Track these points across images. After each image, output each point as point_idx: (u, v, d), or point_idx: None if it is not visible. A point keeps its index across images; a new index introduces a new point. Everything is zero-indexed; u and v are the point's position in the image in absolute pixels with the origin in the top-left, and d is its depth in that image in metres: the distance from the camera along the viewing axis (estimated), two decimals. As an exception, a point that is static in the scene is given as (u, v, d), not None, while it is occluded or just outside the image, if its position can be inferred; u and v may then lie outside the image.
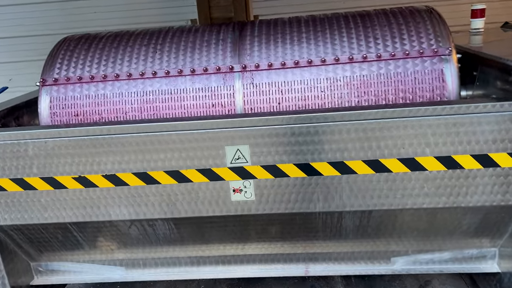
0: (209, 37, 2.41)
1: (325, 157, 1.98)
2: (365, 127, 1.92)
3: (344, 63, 2.20)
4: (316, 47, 2.25)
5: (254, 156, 2.00)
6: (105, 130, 2.02)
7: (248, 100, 2.23)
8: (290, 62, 2.23)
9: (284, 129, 1.96)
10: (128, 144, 2.03)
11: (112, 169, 2.07)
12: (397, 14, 2.36)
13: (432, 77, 2.13)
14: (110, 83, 2.30)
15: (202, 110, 2.25)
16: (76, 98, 2.30)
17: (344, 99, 2.18)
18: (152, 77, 2.29)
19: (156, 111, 2.26)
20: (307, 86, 2.20)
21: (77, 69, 2.35)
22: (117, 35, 2.52)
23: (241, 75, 2.26)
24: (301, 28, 2.37)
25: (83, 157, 2.05)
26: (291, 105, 2.21)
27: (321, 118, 1.93)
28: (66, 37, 2.59)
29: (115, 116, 2.27)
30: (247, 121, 1.97)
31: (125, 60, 2.34)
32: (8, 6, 4.74)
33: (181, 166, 2.04)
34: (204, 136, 2.00)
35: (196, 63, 2.29)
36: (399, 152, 1.94)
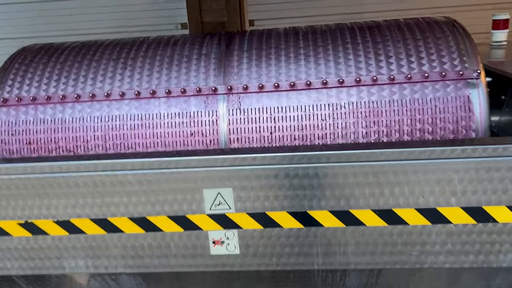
0: (190, 51, 2.03)
1: (327, 204, 1.61)
2: (376, 170, 1.55)
3: (349, 87, 1.82)
4: (317, 66, 1.88)
5: (239, 202, 1.63)
6: (56, 168, 1.64)
7: (234, 128, 1.86)
8: (285, 84, 1.86)
9: (277, 169, 1.59)
10: (85, 184, 1.65)
11: (65, 214, 1.69)
12: (413, 27, 1.98)
13: (457, 105, 1.76)
14: (70, 105, 1.92)
15: (178, 139, 1.87)
16: (29, 123, 1.92)
17: (349, 129, 1.80)
18: (120, 98, 1.91)
19: (123, 139, 1.88)
20: (305, 113, 1.83)
21: (31, 88, 1.97)
22: (83, 47, 2.14)
23: (226, 98, 1.88)
24: (298, 42, 2.00)
25: (29, 199, 1.68)
26: (285, 136, 1.83)
27: (322, 157, 1.56)
28: (24, 48, 2.21)
29: (74, 145, 1.89)
30: (230, 159, 1.60)
31: (88, 78, 1.96)
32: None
33: (149, 212, 1.67)
34: (178, 177, 1.62)
35: (172, 83, 1.92)
36: (418, 201, 1.57)
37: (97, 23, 4.67)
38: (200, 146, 1.87)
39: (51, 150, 1.90)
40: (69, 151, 1.90)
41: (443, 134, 1.77)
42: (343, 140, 1.80)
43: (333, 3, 4.49)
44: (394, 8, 4.35)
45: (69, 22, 4.65)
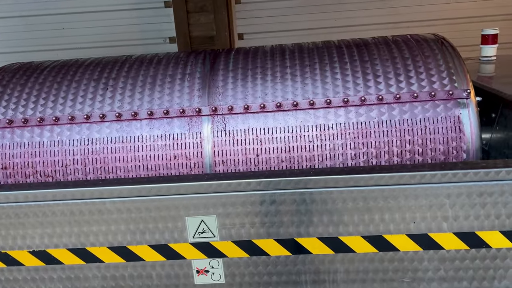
0: (174, 70, 1.97)
1: (315, 231, 1.54)
2: (366, 195, 1.50)
3: (337, 107, 1.77)
4: (303, 86, 1.83)
5: (224, 229, 1.56)
6: (32, 196, 1.56)
7: (219, 151, 1.79)
8: (272, 105, 1.81)
9: (262, 195, 1.53)
10: (61, 213, 1.57)
11: (41, 244, 1.61)
12: (401, 44, 1.95)
13: (447, 125, 1.72)
14: (48, 128, 1.85)
15: (161, 162, 1.80)
16: (5, 147, 1.84)
17: (337, 151, 1.75)
18: (100, 121, 1.84)
19: (103, 163, 1.81)
20: (292, 134, 1.77)
21: (8, 110, 1.89)
22: (63, 66, 2.07)
23: (211, 120, 1.82)
24: (285, 61, 1.95)
25: (3, 229, 1.59)
26: (272, 158, 1.78)
27: (310, 182, 1.50)
28: (1, 67, 2.14)
29: (52, 170, 1.82)
30: (214, 185, 1.53)
31: (68, 99, 1.89)
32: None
33: (129, 241, 1.59)
34: (159, 204, 1.55)
35: (155, 104, 1.85)
36: (409, 227, 1.52)
37: (84, 37, 4.61)
38: (184, 169, 1.81)
39: (28, 175, 1.82)
40: (47, 176, 1.82)
41: (434, 155, 1.72)
42: (331, 162, 1.75)
43: (322, 17, 4.48)
44: (383, 21, 4.35)
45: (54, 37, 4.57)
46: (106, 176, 1.80)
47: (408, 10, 4.37)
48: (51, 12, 4.47)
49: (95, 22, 4.52)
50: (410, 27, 4.30)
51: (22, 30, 4.53)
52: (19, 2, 4.38)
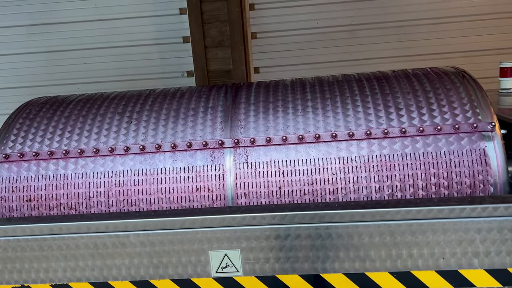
0: (197, 104, 2.01)
1: (341, 267, 1.51)
2: (393, 229, 1.47)
3: (360, 139, 1.77)
4: (325, 119, 1.84)
5: (247, 264, 1.54)
6: (56, 229, 1.57)
7: (242, 183, 1.79)
8: (293, 137, 1.81)
9: (287, 229, 1.51)
10: (85, 246, 1.57)
11: (63, 277, 1.60)
12: (422, 78, 1.96)
13: (472, 158, 1.70)
14: (73, 160, 1.88)
15: (184, 195, 1.80)
16: (30, 179, 1.87)
17: (361, 184, 1.73)
18: (124, 153, 1.86)
19: (127, 196, 1.82)
20: (315, 167, 1.76)
21: (34, 143, 1.93)
22: (89, 100, 2.13)
23: (233, 152, 1.83)
24: (306, 94, 1.97)
25: (26, 262, 1.59)
26: (295, 190, 1.76)
27: (335, 216, 1.48)
28: (28, 101, 2.20)
29: (76, 202, 1.83)
30: (238, 218, 1.52)
31: (93, 132, 1.93)
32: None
33: (152, 275, 1.57)
34: (182, 237, 1.54)
35: (178, 137, 1.88)
36: (438, 263, 1.48)
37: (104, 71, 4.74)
38: (206, 202, 1.80)
39: (52, 207, 1.84)
40: (71, 208, 1.83)
41: (460, 189, 1.69)
42: (355, 195, 1.73)
43: (336, 51, 4.55)
44: (398, 54, 4.40)
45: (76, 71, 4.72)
46: (129, 209, 1.80)
47: (423, 43, 4.42)
48: (73, 47, 4.63)
49: (115, 57, 4.66)
50: (426, 59, 4.34)
51: (45, 65, 4.69)
52: (44, 39, 4.56)
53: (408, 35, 4.45)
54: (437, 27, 4.39)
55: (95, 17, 4.51)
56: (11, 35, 4.52)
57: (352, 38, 4.52)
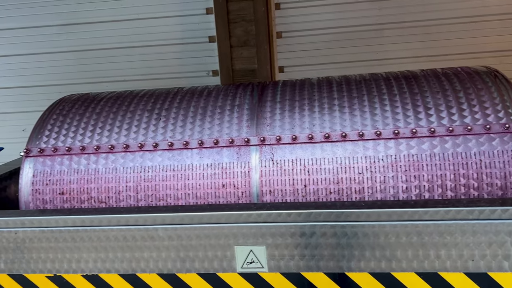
0: (223, 102, 2.03)
1: (366, 266, 1.50)
2: (420, 230, 1.45)
3: (387, 139, 1.76)
4: (352, 117, 1.83)
5: (272, 261, 1.55)
6: (88, 221, 1.62)
7: (267, 180, 1.80)
8: (320, 136, 1.82)
9: (312, 227, 1.51)
10: (114, 238, 1.62)
11: (94, 268, 1.65)
12: (451, 77, 1.93)
13: (504, 159, 1.66)
14: (104, 155, 1.93)
15: (210, 191, 1.83)
16: (63, 173, 1.93)
17: (388, 184, 1.72)
18: (153, 149, 1.91)
19: (155, 191, 1.86)
20: (341, 165, 1.76)
21: (67, 138, 2.00)
22: (119, 97, 2.18)
23: (259, 150, 1.85)
24: (332, 92, 1.97)
25: (59, 252, 1.65)
26: (320, 189, 1.77)
27: (362, 215, 1.48)
28: (61, 98, 2.28)
29: (106, 196, 1.88)
30: (264, 215, 1.54)
31: (123, 128, 1.98)
32: (24, 56, 4.61)
33: (178, 268, 1.61)
34: (208, 232, 1.57)
35: (205, 134, 1.91)
36: (467, 265, 1.45)
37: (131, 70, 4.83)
38: (231, 198, 1.83)
39: (83, 201, 1.90)
40: (101, 202, 1.89)
41: (490, 190, 1.66)
42: (382, 195, 1.72)
43: (362, 50, 4.50)
44: (426, 54, 4.31)
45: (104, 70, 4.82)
46: (157, 203, 1.84)
47: (451, 43, 4.32)
48: (101, 47, 4.73)
49: (142, 56, 4.74)
50: (454, 59, 4.24)
51: (74, 64, 4.81)
52: (73, 38, 4.68)
53: (435, 34, 4.36)
54: (465, 26, 4.29)
55: (123, 17, 4.61)
56: (43, 34, 4.67)
57: (378, 37, 4.46)
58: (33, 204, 1.93)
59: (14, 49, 4.68)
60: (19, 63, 4.71)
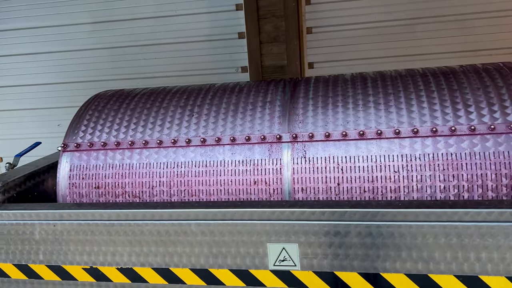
0: (255, 98, 2.03)
1: (402, 267, 1.47)
2: (460, 231, 1.40)
3: (424, 137, 1.71)
4: (387, 115, 1.79)
5: (305, 259, 1.54)
6: (123, 215, 1.65)
7: (299, 178, 1.79)
8: (354, 133, 1.78)
9: (347, 226, 1.49)
10: (149, 233, 1.64)
11: (129, 261, 1.68)
12: (493, 72, 1.85)
13: (550, 159, 1.58)
14: (138, 151, 1.96)
15: (241, 187, 1.83)
16: (99, 168, 1.97)
17: (425, 183, 1.67)
18: (186, 145, 1.92)
19: (188, 186, 1.88)
20: (376, 164, 1.72)
21: (103, 133, 2.04)
22: (152, 93, 2.21)
23: (291, 147, 1.83)
24: (367, 89, 1.93)
25: (95, 245, 1.69)
26: (354, 187, 1.74)
27: (398, 215, 1.44)
28: (97, 94, 2.33)
29: (140, 191, 1.91)
30: (297, 213, 1.52)
31: (156, 124, 2.01)
32: (59, 53, 4.74)
33: (211, 264, 1.62)
34: (241, 229, 1.57)
35: (237, 130, 1.91)
36: (509, 269, 1.39)
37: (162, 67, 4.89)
38: (263, 195, 1.82)
39: (118, 195, 1.93)
40: (135, 196, 1.92)
41: (535, 192, 1.59)
42: (418, 194, 1.67)
43: (392, 45, 4.39)
44: (460, 49, 4.16)
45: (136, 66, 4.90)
46: (189, 199, 1.86)
47: (488, 38, 4.15)
48: (132, 44, 4.81)
49: (172, 53, 4.79)
50: (492, 55, 4.08)
51: (107, 61, 4.92)
52: (105, 35, 4.78)
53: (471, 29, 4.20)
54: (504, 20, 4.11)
55: (153, 14, 4.66)
56: (76, 32, 4.79)
57: (410, 32, 4.34)
58: (70, 198, 1.98)
59: (50, 46, 4.83)
60: (54, 60, 4.85)
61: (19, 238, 1.74)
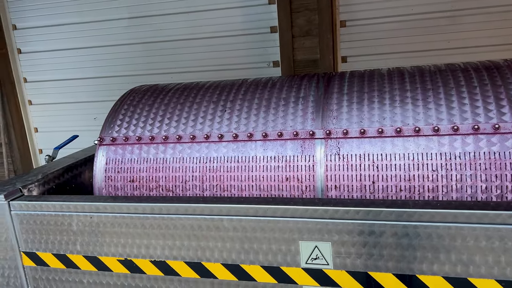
0: (288, 94, 2.00)
1: (440, 269, 1.41)
2: (503, 234, 1.34)
3: (465, 134, 1.64)
4: (426, 111, 1.72)
5: (338, 258, 1.51)
6: (157, 209, 1.67)
7: (332, 175, 1.76)
8: (390, 130, 1.73)
9: (383, 226, 1.45)
10: (181, 227, 1.66)
11: (162, 255, 1.71)
12: (541, 67, 1.75)
13: None
14: (171, 145, 1.98)
15: (273, 184, 1.82)
16: (133, 162, 2.01)
17: (465, 183, 1.60)
18: (218, 140, 1.93)
19: (220, 181, 1.88)
20: (413, 162, 1.67)
21: (137, 128, 2.08)
22: (185, 88, 2.23)
23: (324, 143, 1.80)
24: (404, 84, 1.86)
25: (130, 237, 1.73)
26: (390, 186, 1.69)
27: (436, 216, 1.39)
28: (132, 89, 2.37)
29: (173, 185, 1.94)
30: (331, 211, 1.50)
31: (190, 119, 2.02)
32: (95, 48, 4.87)
33: (243, 260, 1.62)
34: (273, 226, 1.56)
35: (269, 126, 1.89)
36: (558, 276, 1.32)
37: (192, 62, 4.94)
38: (295, 192, 1.80)
39: (152, 189, 1.97)
40: (168, 190, 1.95)
41: None
42: (458, 195, 1.60)
43: (432, 38, 4.24)
44: (505, 42, 3.97)
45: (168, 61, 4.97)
46: (222, 194, 1.86)
47: (535, 29, 3.94)
48: (166, 39, 4.87)
49: (203, 48, 4.82)
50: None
51: (141, 55, 5.01)
52: (140, 31, 4.87)
53: (516, 20, 3.99)
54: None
55: (186, 9, 4.70)
56: (112, 27, 4.90)
57: (452, 25, 4.17)
58: (106, 190, 2.03)
59: (88, 41, 4.96)
60: (92, 55, 4.98)
61: (58, 229, 1.80)
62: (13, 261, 1.89)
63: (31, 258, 1.87)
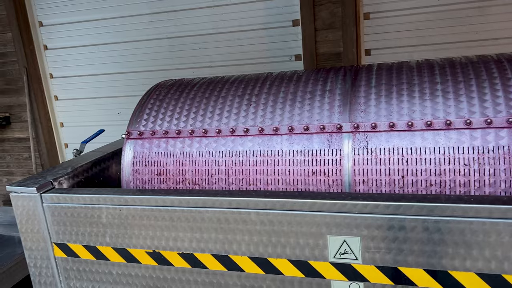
0: (314, 87, 1.98)
1: (473, 265, 1.38)
2: (541, 230, 1.29)
3: (499, 128, 1.59)
4: (457, 104, 1.68)
5: (367, 253, 1.49)
6: (184, 202, 1.69)
7: (360, 169, 1.73)
8: (420, 123, 1.69)
9: (413, 221, 1.42)
10: (209, 220, 1.67)
11: (189, 247, 1.73)
12: None
13: None
14: (197, 139, 2.00)
15: (300, 178, 1.81)
16: (160, 155, 2.03)
17: (499, 178, 1.56)
18: (244, 134, 1.92)
19: (245, 175, 1.88)
20: (444, 156, 1.63)
21: (164, 122, 2.09)
22: (211, 83, 2.23)
23: (352, 137, 1.77)
24: (434, 76, 1.82)
25: (158, 230, 1.75)
26: (420, 180, 1.66)
27: (470, 211, 1.35)
28: (158, 84, 2.39)
29: (199, 179, 1.95)
30: (359, 206, 1.48)
31: (215, 113, 2.03)
32: (119, 44, 4.93)
33: (270, 253, 1.62)
34: (300, 220, 1.55)
35: (295, 120, 1.88)
36: None
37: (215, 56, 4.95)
38: (322, 186, 1.79)
39: (178, 182, 1.98)
40: (195, 184, 1.96)
41: None
42: (491, 189, 1.56)
43: (459, 30, 4.12)
44: (536, 32, 3.84)
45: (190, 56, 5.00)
46: (247, 188, 1.87)
47: None
48: (189, 34, 4.90)
49: (226, 42, 4.83)
50: None
51: (165, 51, 5.05)
52: (163, 26, 4.90)
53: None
54: None
55: (208, 3, 4.71)
56: (136, 23, 4.95)
57: (478, 16, 4.05)
58: (133, 183, 2.06)
59: (112, 37, 5.03)
60: (115, 51, 5.05)
61: (88, 221, 1.84)
62: (45, 252, 1.94)
63: (62, 249, 1.92)
